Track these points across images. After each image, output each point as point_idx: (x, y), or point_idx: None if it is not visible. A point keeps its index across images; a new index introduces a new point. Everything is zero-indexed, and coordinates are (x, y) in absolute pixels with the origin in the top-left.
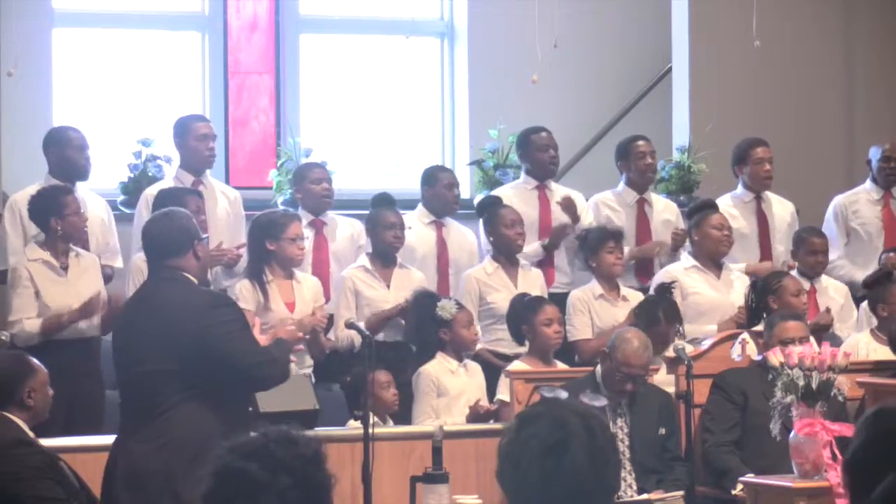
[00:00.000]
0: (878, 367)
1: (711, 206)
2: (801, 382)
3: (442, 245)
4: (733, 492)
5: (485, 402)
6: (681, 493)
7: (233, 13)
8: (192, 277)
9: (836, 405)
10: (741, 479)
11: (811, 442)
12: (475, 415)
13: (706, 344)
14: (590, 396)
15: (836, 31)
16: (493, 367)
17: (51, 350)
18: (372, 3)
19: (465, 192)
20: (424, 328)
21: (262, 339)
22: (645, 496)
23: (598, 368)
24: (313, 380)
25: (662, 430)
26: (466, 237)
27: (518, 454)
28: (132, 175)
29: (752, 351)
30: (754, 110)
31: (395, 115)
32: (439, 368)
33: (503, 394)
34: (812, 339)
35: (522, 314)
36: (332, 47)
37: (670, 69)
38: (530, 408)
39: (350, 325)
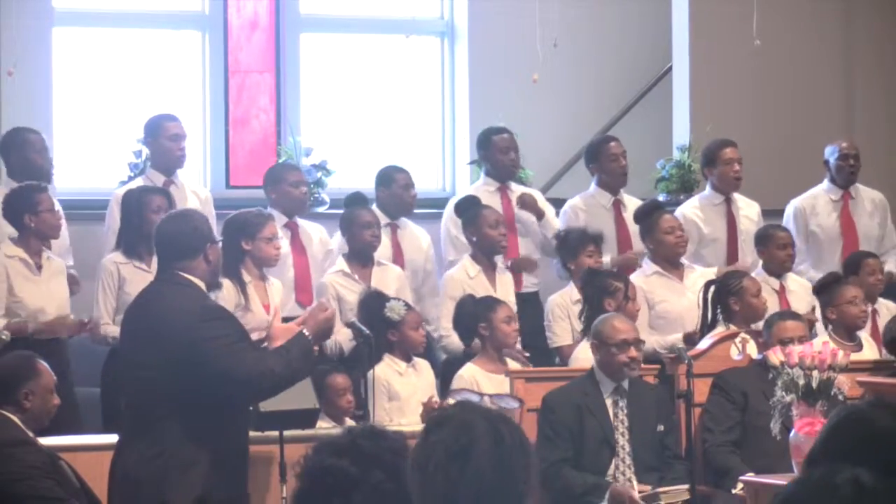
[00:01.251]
0: (878, 367)
1: (658, 208)
2: (802, 381)
3: (397, 248)
4: (734, 491)
5: (437, 399)
6: (686, 486)
7: (233, 12)
8: (198, 281)
9: (836, 404)
10: (741, 478)
11: (811, 441)
12: (429, 412)
13: (706, 343)
14: (502, 400)
15: (835, 31)
16: (447, 366)
17: (18, 350)
18: (372, 3)
19: (465, 191)
20: (373, 329)
21: (279, 331)
22: (650, 489)
23: (595, 365)
24: None
25: (661, 427)
26: (420, 238)
27: (425, 459)
28: (132, 174)
29: (752, 350)
30: (754, 110)
31: (396, 114)
32: (387, 371)
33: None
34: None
35: (477, 313)
36: (333, 46)
37: (670, 68)
38: (440, 411)
39: (350, 325)
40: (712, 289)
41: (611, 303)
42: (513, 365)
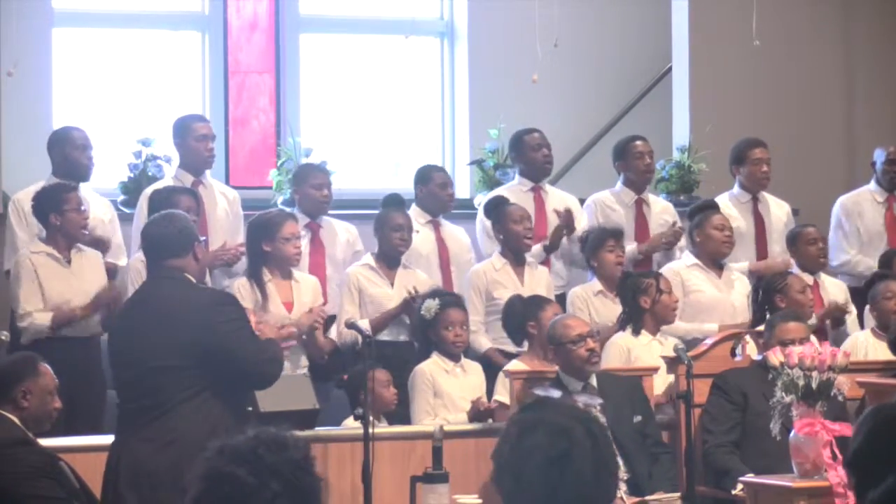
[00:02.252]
0: (878, 367)
1: (712, 207)
2: (802, 382)
3: (441, 244)
4: (733, 492)
5: (485, 400)
6: (678, 494)
7: (233, 13)
8: (191, 278)
9: (836, 405)
10: (741, 479)
11: (811, 442)
12: (476, 412)
13: (706, 344)
14: (586, 396)
15: (835, 31)
16: (496, 367)
17: (51, 349)
18: (372, 3)
19: (464, 192)
20: (418, 329)
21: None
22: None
23: (559, 369)
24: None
25: (638, 418)
26: (461, 236)
27: (520, 465)
28: (132, 175)
29: (752, 351)
30: (754, 110)
31: (396, 114)
32: (434, 368)
33: (500, 394)
34: (814, 338)
35: (526, 312)
36: (332, 47)
37: (670, 69)
38: (527, 412)
39: (350, 325)
40: (760, 291)
41: (646, 300)
42: None
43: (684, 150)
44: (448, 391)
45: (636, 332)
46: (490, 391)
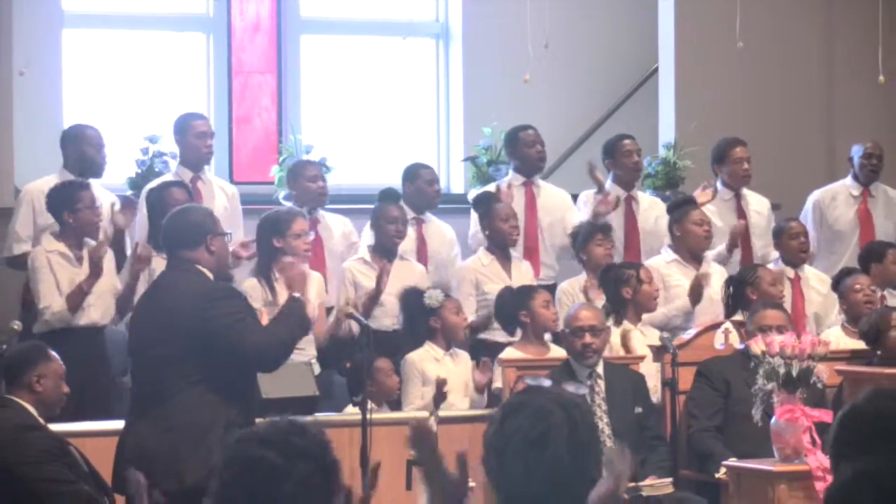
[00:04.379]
0: (855, 356)
1: (691, 203)
2: (782, 370)
3: (421, 241)
4: (716, 475)
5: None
6: (669, 480)
7: (236, 15)
8: (204, 270)
9: (815, 392)
10: (724, 462)
11: (791, 427)
12: (438, 393)
13: (690, 334)
14: (572, 385)
15: (816, 33)
16: (486, 351)
17: (60, 340)
18: (370, 6)
19: (459, 187)
20: (415, 320)
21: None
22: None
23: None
24: (318, 369)
25: (639, 409)
26: (445, 231)
27: (502, 446)
28: (139, 171)
29: (735, 340)
30: (737, 109)
31: (393, 112)
32: (424, 356)
33: (496, 382)
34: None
35: (517, 301)
36: (332, 48)
37: (657, 69)
38: (514, 397)
39: (349, 316)
40: (731, 285)
41: (627, 290)
42: (555, 348)
43: (670, 147)
44: (436, 379)
45: (618, 323)
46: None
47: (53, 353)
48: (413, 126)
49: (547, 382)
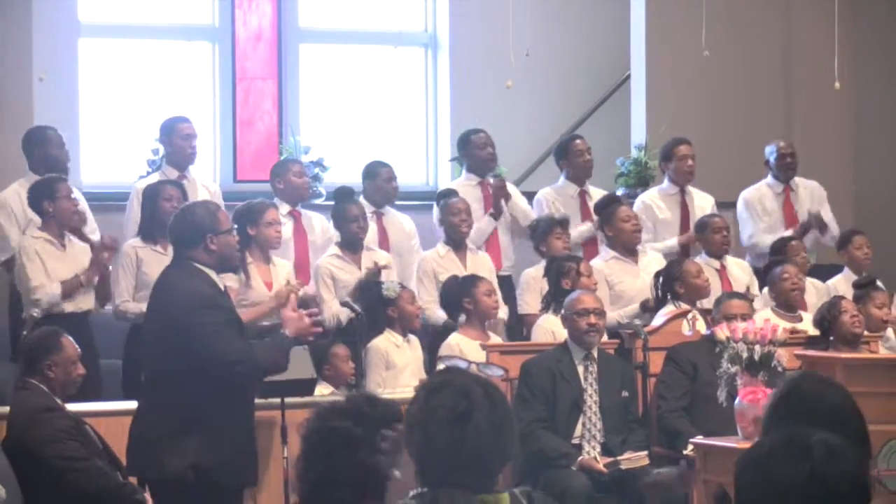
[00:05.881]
0: (812, 342)
1: (617, 201)
2: (745, 355)
3: (383, 233)
4: (685, 452)
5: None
6: (645, 452)
7: (240, 25)
8: (203, 268)
9: (775, 375)
10: (691, 440)
11: (754, 408)
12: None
13: (661, 321)
14: (487, 368)
15: (776, 43)
16: (435, 338)
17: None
18: (364, 17)
19: (446, 184)
20: (373, 310)
21: (245, 314)
22: (614, 458)
23: (567, 335)
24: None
25: (625, 394)
26: (404, 224)
27: (426, 421)
28: (150, 170)
29: (702, 327)
30: (703, 112)
31: (385, 116)
32: (387, 343)
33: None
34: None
35: (461, 290)
36: (329, 56)
37: (629, 76)
38: (435, 376)
39: (345, 304)
40: (661, 278)
41: (567, 282)
42: (494, 336)
43: (641, 148)
44: (399, 363)
45: (557, 312)
46: (431, 362)
47: (67, 339)
48: (404, 128)
49: (462, 363)
